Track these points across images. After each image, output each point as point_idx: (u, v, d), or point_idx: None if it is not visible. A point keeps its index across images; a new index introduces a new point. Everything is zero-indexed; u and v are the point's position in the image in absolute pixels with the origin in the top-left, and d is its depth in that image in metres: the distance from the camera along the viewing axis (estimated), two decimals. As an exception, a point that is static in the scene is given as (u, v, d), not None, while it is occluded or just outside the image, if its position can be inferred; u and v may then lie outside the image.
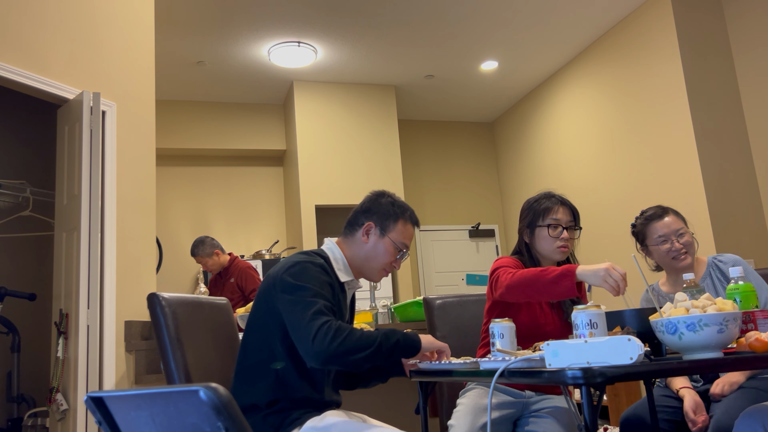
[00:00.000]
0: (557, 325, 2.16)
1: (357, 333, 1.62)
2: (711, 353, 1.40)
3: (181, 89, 6.30)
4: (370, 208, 1.88)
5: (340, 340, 1.58)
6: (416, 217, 1.93)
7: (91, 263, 3.10)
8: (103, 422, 1.19)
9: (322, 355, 1.58)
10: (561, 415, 2.00)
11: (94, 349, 3.02)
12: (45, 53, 3.27)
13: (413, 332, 1.74)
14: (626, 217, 5.47)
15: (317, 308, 1.62)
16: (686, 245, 2.28)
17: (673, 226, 2.31)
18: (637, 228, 2.42)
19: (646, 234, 2.37)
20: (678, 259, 2.27)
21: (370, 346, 1.61)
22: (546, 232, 2.16)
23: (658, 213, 2.37)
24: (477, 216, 7.53)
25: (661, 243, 2.30)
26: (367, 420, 1.79)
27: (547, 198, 2.23)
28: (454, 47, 5.83)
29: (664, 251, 2.30)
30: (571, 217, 2.20)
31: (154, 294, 1.86)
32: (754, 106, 4.85)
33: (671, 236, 2.29)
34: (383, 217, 1.85)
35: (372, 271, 1.86)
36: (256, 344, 1.74)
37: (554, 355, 1.35)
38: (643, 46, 5.27)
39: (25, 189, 4.41)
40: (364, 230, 1.85)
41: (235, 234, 6.66)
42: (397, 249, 1.84)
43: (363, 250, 1.84)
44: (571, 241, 2.18)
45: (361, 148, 6.40)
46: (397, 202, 1.89)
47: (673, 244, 2.28)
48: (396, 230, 1.85)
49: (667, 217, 2.33)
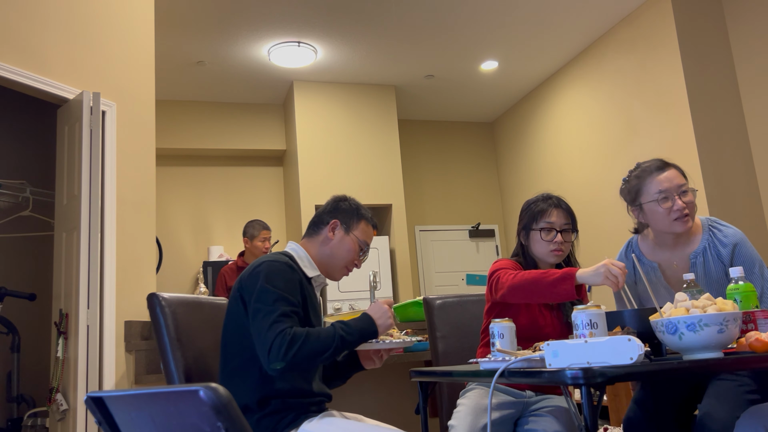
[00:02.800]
0: (557, 327, 2.16)
1: (313, 337, 1.64)
2: (711, 353, 1.40)
3: (181, 89, 6.30)
4: (335, 209, 1.96)
5: (295, 350, 1.60)
6: (375, 221, 2.02)
7: (91, 263, 3.10)
8: (103, 422, 1.18)
9: (278, 367, 1.61)
10: (561, 415, 2.00)
11: (94, 349, 3.02)
12: (45, 53, 3.27)
13: (365, 318, 1.75)
14: (626, 216, 5.46)
15: (275, 316, 1.64)
16: (689, 205, 1.96)
17: (675, 180, 1.98)
18: (630, 182, 2.09)
19: (641, 189, 2.03)
20: (680, 220, 1.95)
21: (327, 348, 1.65)
22: (539, 236, 2.15)
23: (657, 164, 2.03)
24: (477, 216, 7.53)
25: (662, 200, 1.97)
26: (364, 420, 1.79)
27: (543, 200, 2.21)
28: (454, 47, 5.83)
29: (663, 211, 1.97)
30: (566, 220, 2.17)
31: (154, 294, 1.87)
32: (754, 105, 4.85)
33: (673, 192, 1.97)
34: (347, 216, 1.93)
35: (335, 268, 1.92)
36: (236, 347, 1.75)
37: (554, 355, 1.35)
38: (644, 46, 5.27)
39: (25, 189, 4.41)
40: (330, 227, 1.92)
41: (235, 234, 6.66)
42: (360, 247, 1.92)
43: (328, 247, 1.91)
44: (566, 244, 2.15)
45: (361, 148, 6.40)
46: (359, 204, 1.99)
47: (675, 202, 1.96)
48: (359, 229, 1.93)
49: (669, 170, 2.01)
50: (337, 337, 1.67)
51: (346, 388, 3.05)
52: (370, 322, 1.74)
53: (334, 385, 2.03)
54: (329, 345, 1.65)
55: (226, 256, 6.13)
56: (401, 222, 6.39)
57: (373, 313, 1.76)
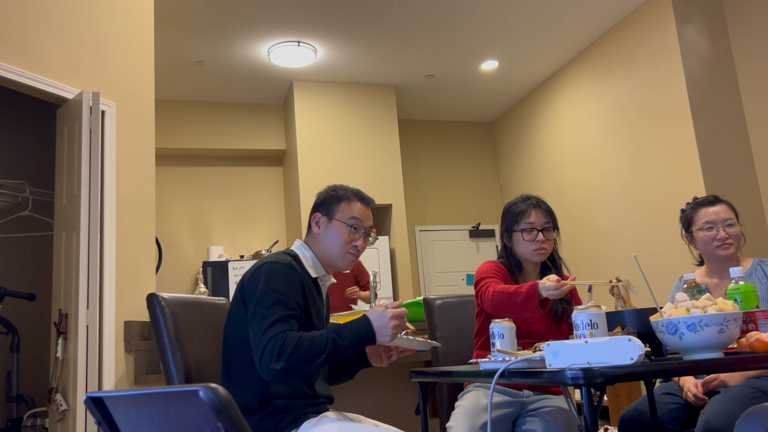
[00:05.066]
0: (545, 321, 2.21)
1: (305, 343, 1.60)
2: (711, 353, 1.40)
3: (181, 89, 6.30)
4: (315, 204, 1.95)
5: (286, 354, 1.58)
6: (364, 195, 1.95)
7: (90, 263, 3.10)
8: (103, 422, 1.18)
9: (270, 372, 1.59)
10: (560, 414, 2.00)
11: (94, 350, 3.02)
12: (45, 53, 3.26)
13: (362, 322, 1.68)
14: (626, 217, 5.47)
15: (271, 321, 1.63)
16: (732, 236, 2.24)
17: (722, 214, 2.27)
18: (686, 212, 2.38)
19: (693, 219, 2.33)
20: (721, 247, 2.24)
21: (319, 353, 1.60)
22: (521, 236, 2.20)
23: (709, 200, 2.34)
24: (477, 216, 7.53)
25: (707, 229, 2.26)
26: (364, 420, 1.79)
27: (522, 201, 2.27)
28: (454, 47, 5.83)
29: (708, 238, 2.26)
30: (546, 219, 2.22)
31: (154, 294, 1.86)
32: (754, 106, 4.85)
33: (718, 224, 2.26)
34: (326, 205, 1.91)
35: (335, 258, 1.88)
36: (238, 348, 1.75)
37: (554, 355, 1.35)
38: (644, 45, 5.27)
39: (25, 189, 4.41)
40: (314, 222, 1.91)
41: (235, 234, 6.66)
42: (348, 226, 1.87)
43: (319, 241, 1.88)
44: (548, 242, 2.20)
45: (361, 148, 6.40)
46: (339, 187, 1.94)
47: (719, 231, 2.25)
48: (340, 211, 1.89)
49: (719, 206, 2.30)
50: (330, 341, 1.62)
51: (347, 387, 3.05)
52: (367, 327, 1.66)
53: (342, 380, 2.02)
54: (321, 350, 1.61)
55: (225, 256, 6.13)
56: (401, 222, 6.39)
57: (373, 319, 1.68)
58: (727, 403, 1.95)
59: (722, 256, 2.25)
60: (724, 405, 1.94)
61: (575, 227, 6.11)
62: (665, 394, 2.23)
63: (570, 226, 6.16)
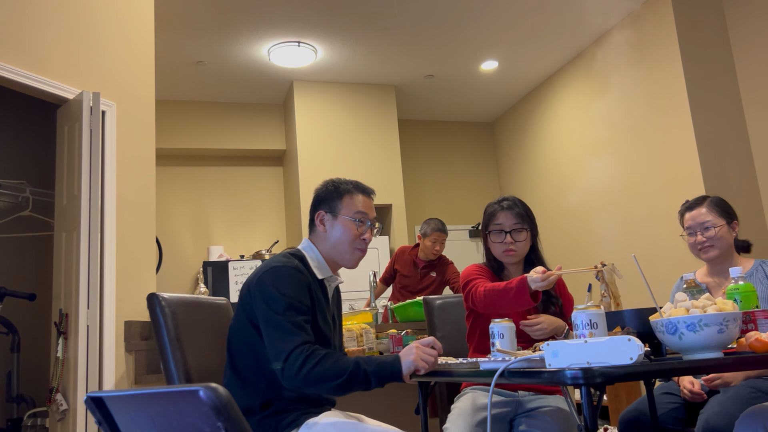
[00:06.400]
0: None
1: (330, 360, 1.59)
2: (711, 353, 1.40)
3: (181, 89, 6.30)
4: (315, 201, 1.92)
5: (311, 366, 1.57)
6: (364, 186, 1.93)
7: (90, 263, 3.10)
8: (103, 422, 1.18)
9: (292, 379, 1.59)
10: (558, 414, 2.00)
11: (94, 350, 3.02)
12: (45, 53, 3.27)
13: (393, 358, 1.66)
14: (626, 217, 5.47)
15: (290, 326, 1.62)
16: (709, 239, 2.29)
17: (698, 218, 2.32)
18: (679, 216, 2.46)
19: (682, 223, 2.42)
20: (702, 251, 2.30)
21: (340, 375, 1.58)
22: (491, 238, 2.25)
23: (689, 204, 2.40)
24: (477, 216, 7.52)
25: (689, 234, 2.35)
26: (364, 420, 1.79)
27: (496, 203, 2.32)
28: (454, 47, 5.83)
29: (690, 243, 2.35)
30: (516, 221, 2.24)
31: (154, 294, 1.86)
32: (754, 105, 4.85)
33: (696, 229, 2.32)
34: (329, 201, 1.88)
35: (343, 255, 1.86)
36: (243, 350, 1.74)
37: (554, 355, 1.35)
38: (644, 46, 5.27)
39: (25, 189, 4.41)
40: (318, 221, 1.88)
41: (235, 234, 6.66)
42: (354, 221, 1.84)
43: (326, 239, 1.86)
44: (517, 244, 2.21)
45: (361, 148, 6.40)
46: (339, 181, 1.92)
47: (697, 236, 2.31)
48: (344, 206, 1.86)
49: (696, 210, 2.34)
50: (352, 366, 1.60)
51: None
52: (393, 367, 1.64)
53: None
54: (341, 373, 1.58)
55: (225, 256, 6.13)
56: (401, 222, 6.39)
57: (404, 357, 1.65)
58: (727, 403, 1.95)
59: (705, 260, 2.33)
60: (724, 405, 1.94)
61: (575, 227, 6.11)
62: (665, 394, 2.23)
63: (569, 226, 6.16)
